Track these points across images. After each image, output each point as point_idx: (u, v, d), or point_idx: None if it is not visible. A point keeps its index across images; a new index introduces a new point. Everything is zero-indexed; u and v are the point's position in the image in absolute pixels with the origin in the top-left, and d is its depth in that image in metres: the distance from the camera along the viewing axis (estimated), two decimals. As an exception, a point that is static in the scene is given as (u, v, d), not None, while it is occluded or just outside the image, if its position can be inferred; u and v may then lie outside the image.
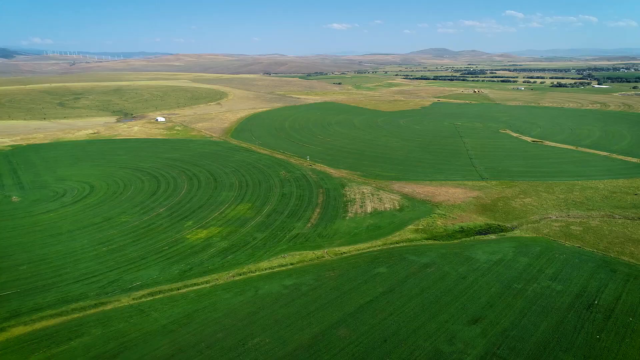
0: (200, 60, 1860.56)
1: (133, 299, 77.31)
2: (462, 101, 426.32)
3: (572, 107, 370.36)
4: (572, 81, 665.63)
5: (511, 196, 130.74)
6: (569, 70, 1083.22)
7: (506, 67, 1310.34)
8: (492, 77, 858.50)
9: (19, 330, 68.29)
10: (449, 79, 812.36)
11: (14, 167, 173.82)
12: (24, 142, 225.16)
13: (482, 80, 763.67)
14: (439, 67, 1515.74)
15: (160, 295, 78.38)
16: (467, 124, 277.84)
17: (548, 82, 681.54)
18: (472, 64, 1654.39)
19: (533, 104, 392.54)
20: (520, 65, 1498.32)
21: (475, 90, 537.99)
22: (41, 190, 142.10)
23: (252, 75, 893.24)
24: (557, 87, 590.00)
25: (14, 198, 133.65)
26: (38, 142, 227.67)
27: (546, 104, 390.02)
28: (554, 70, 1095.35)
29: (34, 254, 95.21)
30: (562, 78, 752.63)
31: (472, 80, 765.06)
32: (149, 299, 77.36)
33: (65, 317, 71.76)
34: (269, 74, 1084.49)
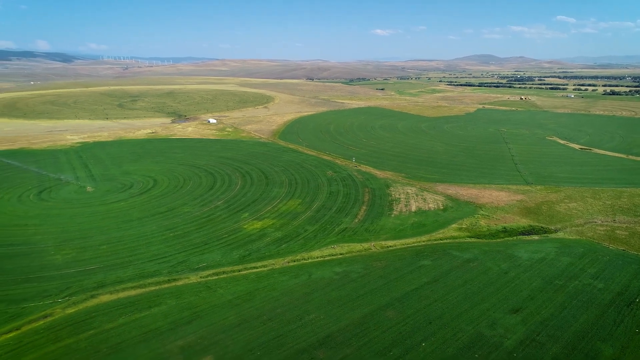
0: (245, 66, 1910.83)
1: (200, 277, 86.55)
2: (508, 108, 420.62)
3: (625, 115, 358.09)
4: (627, 89, 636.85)
5: (556, 200, 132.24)
6: (624, 77, 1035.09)
7: (555, 74, 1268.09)
8: (540, 84, 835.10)
9: (106, 298, 78.70)
10: (494, 86, 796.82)
11: (84, 161, 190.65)
12: (90, 140, 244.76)
13: (530, 88, 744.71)
14: (484, 73, 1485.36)
15: (224, 276, 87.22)
16: (512, 130, 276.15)
17: (600, 89, 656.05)
18: (519, 71, 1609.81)
19: (583, 112, 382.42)
20: (570, 72, 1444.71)
21: (522, 97, 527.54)
22: (111, 182, 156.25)
23: (295, 80, 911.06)
24: (610, 95, 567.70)
25: (89, 188, 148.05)
26: (103, 139, 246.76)
27: (597, 112, 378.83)
28: (608, 77, 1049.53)
29: (111, 236, 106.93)
30: (616, 86, 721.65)
31: (519, 87, 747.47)
32: (214, 278, 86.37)
33: (143, 289, 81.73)
34: (311, 79, 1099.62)
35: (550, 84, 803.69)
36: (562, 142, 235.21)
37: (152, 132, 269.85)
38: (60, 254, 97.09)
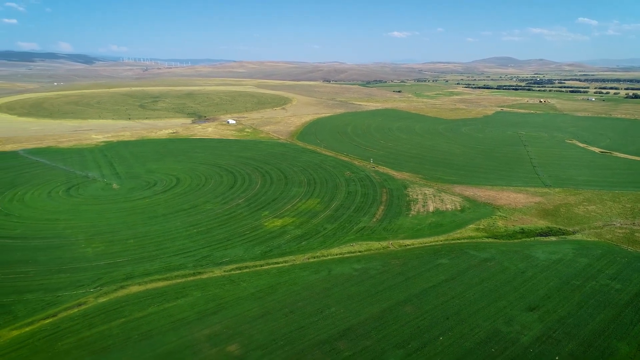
0: (262, 68, 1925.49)
1: (224, 271, 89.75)
2: (527, 111, 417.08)
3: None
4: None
5: (574, 203, 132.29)
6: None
7: (576, 77, 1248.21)
8: (560, 87, 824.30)
9: (135, 289, 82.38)
10: (513, 89, 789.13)
11: (109, 159, 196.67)
12: (114, 139, 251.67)
13: (549, 90, 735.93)
14: (503, 76, 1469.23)
15: (247, 270, 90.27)
16: (531, 133, 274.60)
17: (623, 92, 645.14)
18: (539, 74, 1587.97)
19: (604, 115, 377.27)
20: (592, 75, 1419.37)
21: (542, 100, 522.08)
22: (135, 180, 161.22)
23: (312, 82, 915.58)
24: (633, 98, 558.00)
25: (114, 185, 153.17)
26: (126, 139, 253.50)
27: (618, 116, 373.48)
28: (631, 80, 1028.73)
29: (137, 231, 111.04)
30: (639, 89, 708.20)
31: (539, 90, 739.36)
32: (237, 272, 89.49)
33: (170, 282, 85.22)
34: (328, 81, 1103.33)
35: (571, 87, 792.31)
36: (581, 145, 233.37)
37: (174, 132, 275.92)
38: (90, 247, 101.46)
